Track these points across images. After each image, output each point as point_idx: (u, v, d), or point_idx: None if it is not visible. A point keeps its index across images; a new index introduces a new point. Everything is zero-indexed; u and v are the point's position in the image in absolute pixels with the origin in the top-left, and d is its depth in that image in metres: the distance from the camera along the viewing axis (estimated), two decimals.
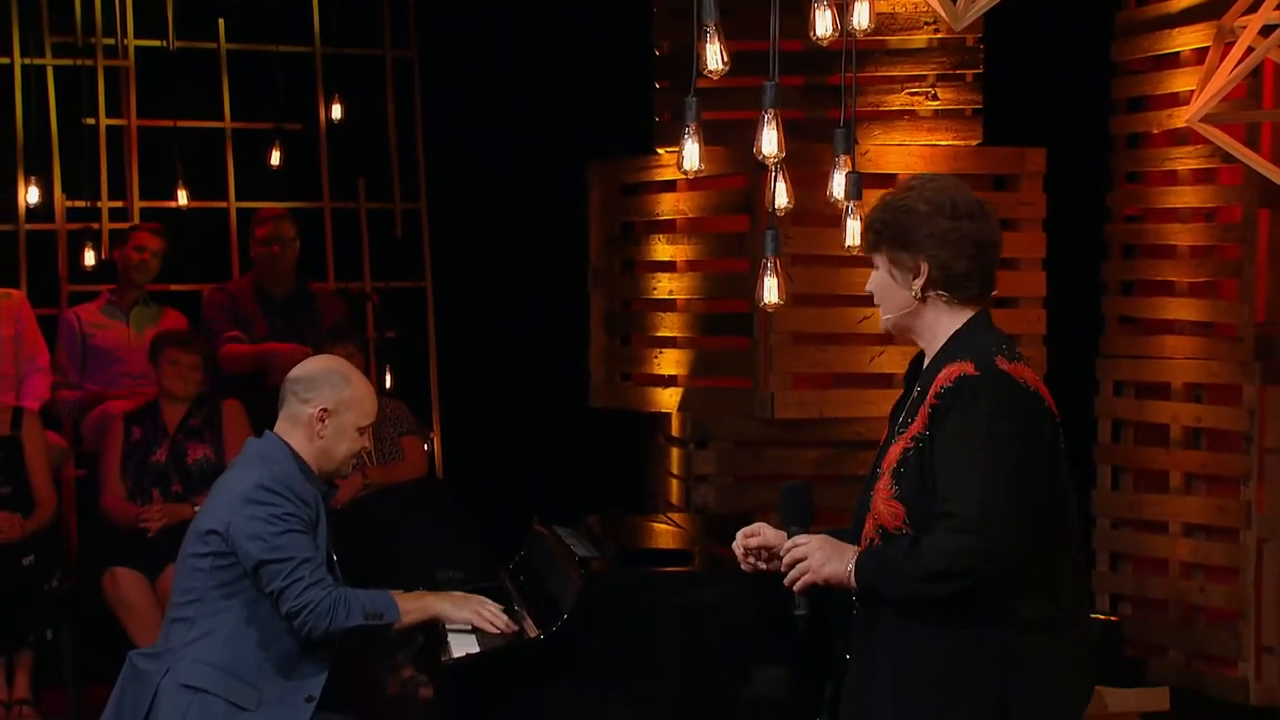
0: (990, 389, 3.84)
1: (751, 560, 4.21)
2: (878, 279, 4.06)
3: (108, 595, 7.41)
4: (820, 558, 3.98)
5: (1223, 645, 8.22)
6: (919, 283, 3.98)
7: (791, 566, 4.02)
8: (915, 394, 4.00)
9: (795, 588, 4.04)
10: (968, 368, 3.87)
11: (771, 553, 4.21)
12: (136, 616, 7.34)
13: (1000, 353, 3.91)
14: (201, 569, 4.81)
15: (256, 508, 4.75)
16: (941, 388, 3.89)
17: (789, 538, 4.06)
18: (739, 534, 4.24)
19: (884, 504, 3.94)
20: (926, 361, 4.05)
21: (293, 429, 4.94)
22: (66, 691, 7.53)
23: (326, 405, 4.91)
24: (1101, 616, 5.60)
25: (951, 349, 3.97)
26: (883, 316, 4.10)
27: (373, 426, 5.07)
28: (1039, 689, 3.85)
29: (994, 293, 4.07)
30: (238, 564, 4.77)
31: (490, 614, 4.76)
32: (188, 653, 4.77)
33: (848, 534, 4.10)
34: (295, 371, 5.06)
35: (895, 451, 3.97)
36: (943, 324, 4.01)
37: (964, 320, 4.00)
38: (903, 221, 3.99)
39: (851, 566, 3.93)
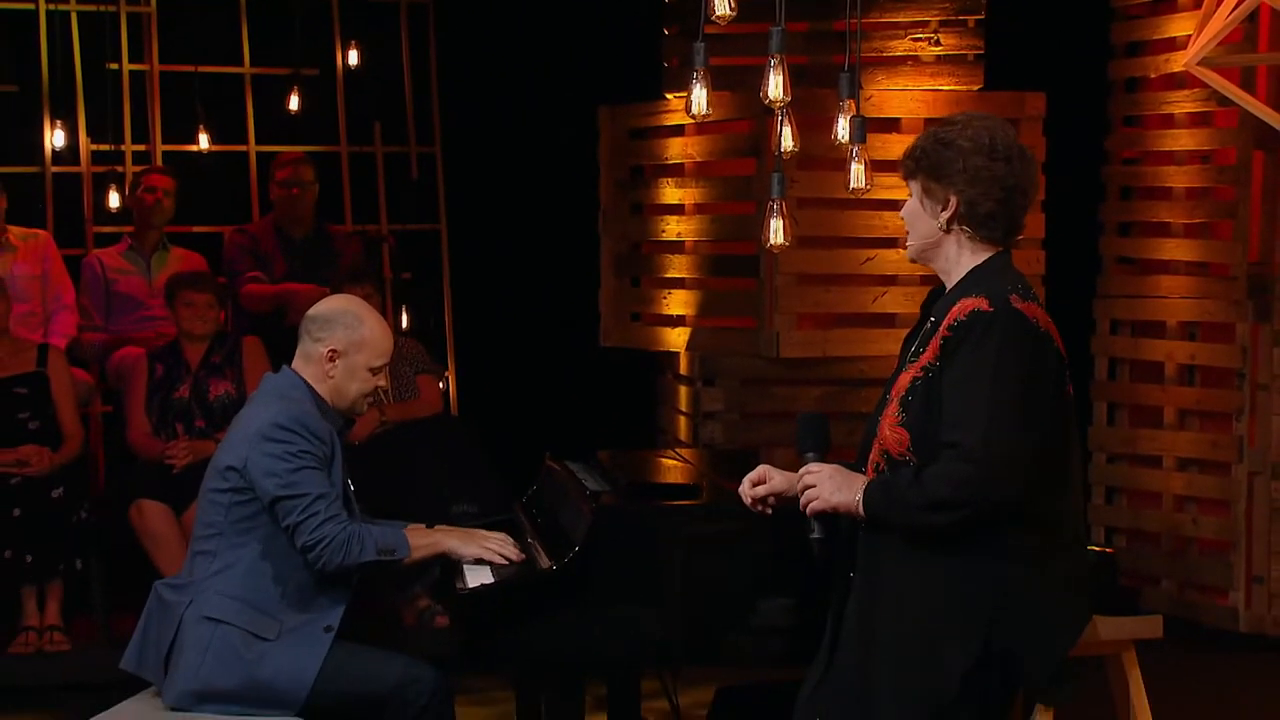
0: (1002, 325, 3.88)
1: (760, 507, 4.31)
2: (910, 206, 4.10)
3: (135, 526, 7.47)
4: (830, 486, 4.04)
5: (1214, 575, 8.32)
6: (946, 215, 4.02)
7: (805, 491, 4.09)
8: (929, 324, 4.04)
9: (807, 512, 4.11)
10: (982, 303, 3.91)
11: (778, 497, 4.29)
12: (162, 547, 7.41)
13: (1015, 291, 3.94)
14: (221, 504, 4.85)
15: (272, 445, 4.76)
16: (955, 320, 3.92)
17: (804, 464, 4.13)
18: (745, 481, 4.32)
19: (890, 430, 3.99)
20: (948, 289, 4.08)
21: (306, 365, 4.95)
22: (96, 618, 7.63)
23: (336, 346, 4.92)
24: (1097, 548, 5.60)
25: (968, 284, 4.01)
26: (908, 243, 4.14)
27: (388, 367, 5.04)
28: (1033, 618, 3.91)
29: (1020, 236, 4.11)
30: (256, 499, 4.80)
31: (497, 546, 4.79)
32: (210, 585, 4.80)
33: (855, 464, 4.16)
34: (313, 310, 5.06)
35: (905, 380, 4.01)
36: (964, 259, 4.05)
37: (984, 258, 4.04)
38: (941, 154, 4.02)
39: (859, 496, 3.99)
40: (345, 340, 4.94)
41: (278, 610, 4.78)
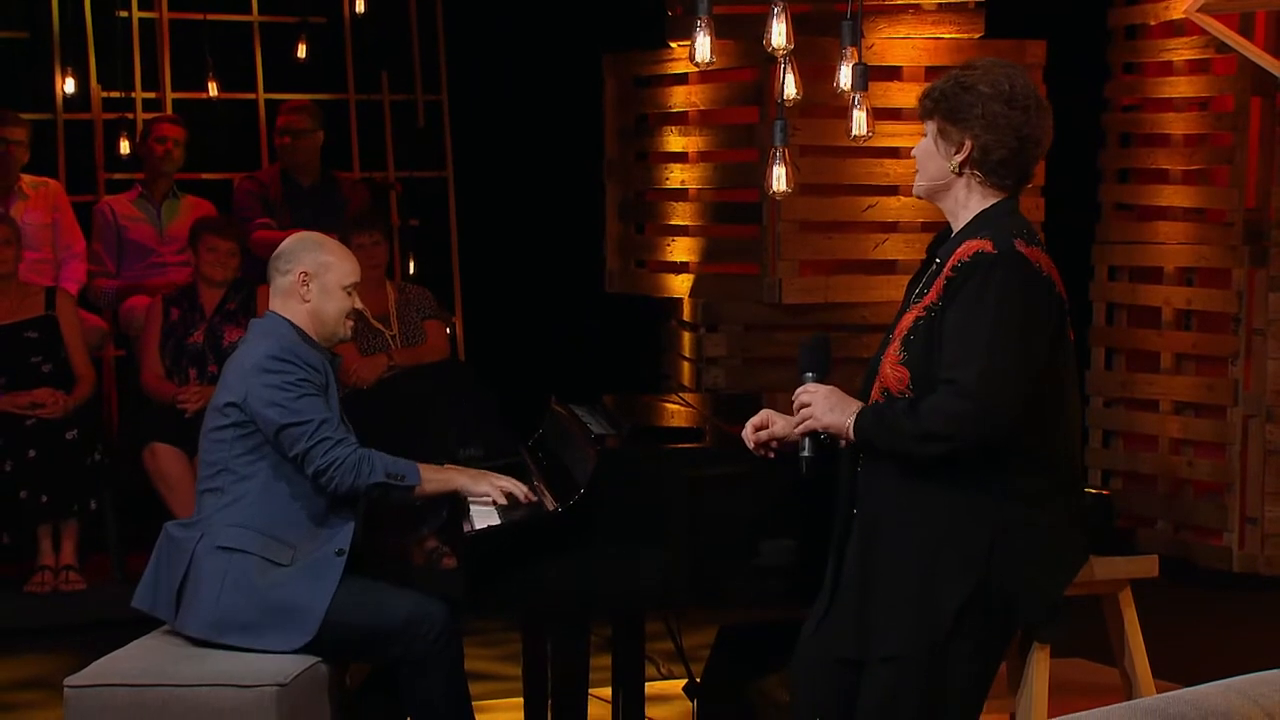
0: (1004, 267, 3.87)
1: (762, 451, 4.32)
2: (923, 145, 4.07)
3: (148, 469, 7.54)
4: (824, 406, 4.05)
5: (1209, 516, 8.41)
6: (959, 158, 3.99)
7: (799, 410, 4.10)
8: (934, 266, 4.04)
9: (796, 430, 4.13)
10: (986, 245, 3.90)
11: (780, 441, 4.30)
12: (175, 489, 7.47)
13: (1020, 235, 3.92)
14: (224, 440, 4.87)
15: (270, 376, 4.79)
16: (959, 261, 3.91)
17: (802, 383, 4.14)
18: (748, 424, 4.32)
19: (891, 369, 3.99)
20: (954, 231, 4.08)
21: (285, 302, 4.96)
22: (110, 557, 7.73)
23: (305, 269, 4.93)
24: (1094, 490, 5.62)
25: (974, 227, 3.99)
26: (917, 182, 4.12)
27: (356, 286, 5.02)
28: (1030, 558, 3.92)
29: (1030, 184, 4.12)
30: (258, 431, 4.82)
31: (507, 486, 4.80)
32: (220, 518, 4.83)
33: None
34: (274, 252, 5.08)
35: (908, 320, 4.00)
36: (972, 203, 4.03)
37: (992, 203, 4.01)
38: (960, 97, 3.98)
39: (851, 420, 3.99)
40: (313, 261, 4.97)
41: (289, 535, 4.82)
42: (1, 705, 6.42)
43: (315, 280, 4.95)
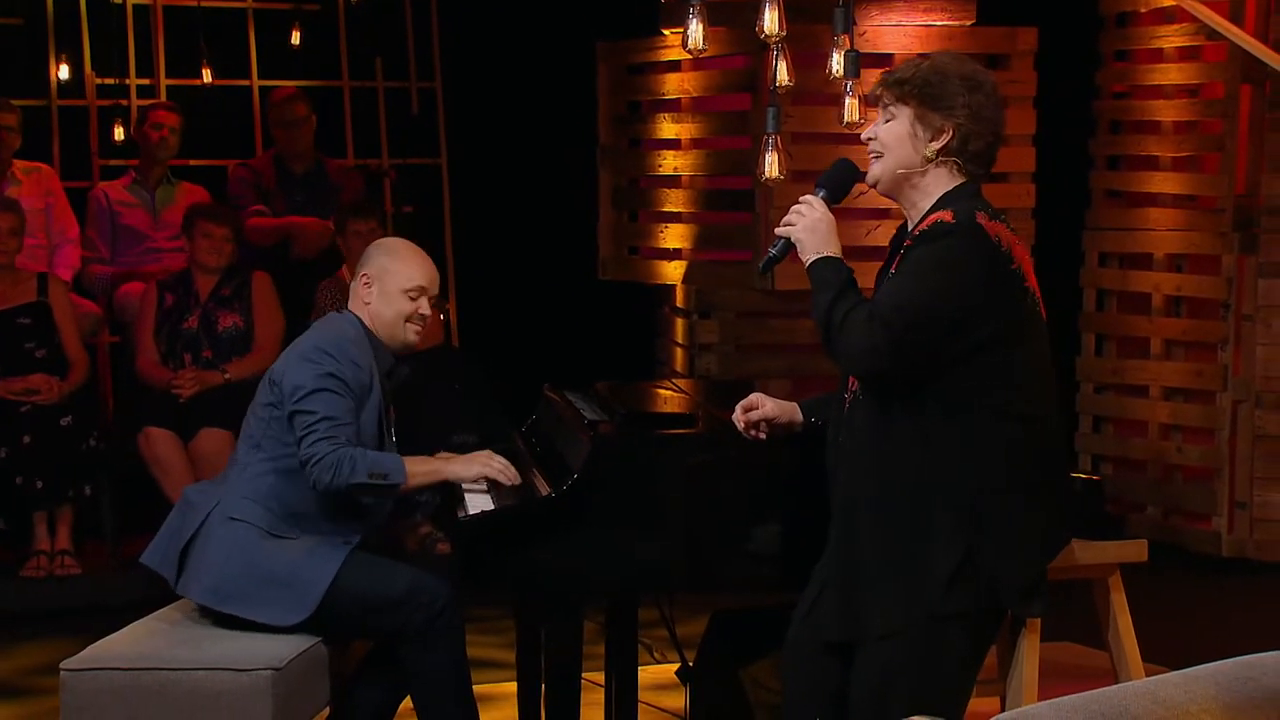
0: (959, 235, 3.86)
1: (753, 433, 4.35)
2: (893, 129, 4.01)
3: (143, 453, 7.57)
4: (808, 225, 4.02)
5: (1198, 501, 8.43)
6: (935, 145, 3.97)
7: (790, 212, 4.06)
8: (903, 250, 4.00)
9: (776, 229, 4.09)
10: (946, 216, 3.89)
11: (770, 424, 4.34)
12: (169, 473, 7.50)
13: (983, 210, 3.92)
14: (262, 417, 4.93)
15: (307, 364, 4.85)
16: (919, 231, 3.92)
17: (814, 193, 4.09)
18: (739, 407, 4.35)
19: None
20: (911, 225, 4.04)
21: (355, 302, 5.06)
22: (105, 543, 7.76)
23: (369, 272, 5.02)
24: (1084, 475, 5.66)
25: (938, 205, 3.97)
26: (882, 167, 4.03)
27: (429, 296, 5.08)
28: (1007, 533, 3.90)
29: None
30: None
31: (500, 465, 4.81)
32: (237, 489, 4.89)
33: (835, 393, 4.15)
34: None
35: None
36: (934, 190, 4.00)
37: (955, 185, 4.00)
38: (942, 85, 3.97)
39: (816, 258, 3.99)
40: (377, 266, 5.05)
41: (301, 520, 4.86)
42: None
43: (377, 283, 5.04)
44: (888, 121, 4.03)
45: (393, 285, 5.03)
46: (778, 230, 4.10)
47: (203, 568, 4.85)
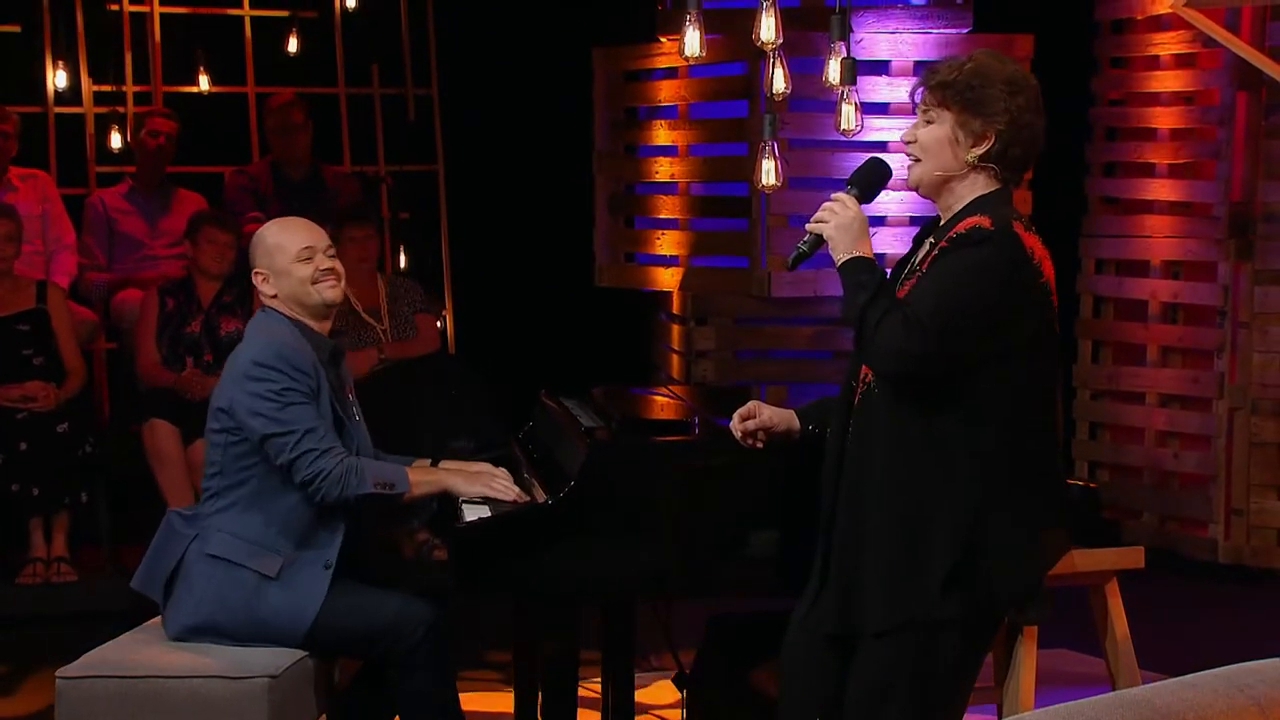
0: (996, 243, 3.84)
1: (750, 441, 4.35)
2: (934, 133, 3.99)
3: (145, 444, 7.55)
4: (840, 223, 3.98)
5: (1194, 508, 8.43)
6: (978, 151, 3.95)
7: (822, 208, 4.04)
8: (927, 246, 4.01)
9: (807, 225, 4.05)
10: (984, 222, 3.87)
11: (767, 431, 4.34)
12: (167, 468, 7.52)
13: (1019, 220, 3.91)
14: (219, 444, 4.85)
15: (254, 384, 4.75)
16: (955, 234, 3.90)
17: (845, 190, 4.06)
18: (736, 415, 4.35)
19: None
20: (944, 220, 4.03)
21: (270, 300, 4.94)
22: (101, 549, 7.76)
23: (256, 269, 4.92)
24: (1080, 482, 5.68)
25: (972, 208, 3.96)
26: (921, 171, 4.01)
27: (320, 251, 4.93)
28: (1007, 537, 3.90)
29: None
30: (247, 439, 4.79)
31: (502, 485, 4.76)
32: (213, 523, 4.83)
33: (842, 383, 4.14)
34: None
35: (900, 294, 3.97)
36: (971, 194, 3.99)
37: (990, 190, 3.97)
38: (985, 89, 3.93)
39: (845, 258, 3.96)
40: (259, 258, 4.94)
41: (277, 545, 4.80)
42: None
43: (268, 273, 4.92)
44: (928, 124, 4.02)
45: (282, 262, 4.90)
46: (809, 226, 4.06)
47: (181, 607, 4.82)
